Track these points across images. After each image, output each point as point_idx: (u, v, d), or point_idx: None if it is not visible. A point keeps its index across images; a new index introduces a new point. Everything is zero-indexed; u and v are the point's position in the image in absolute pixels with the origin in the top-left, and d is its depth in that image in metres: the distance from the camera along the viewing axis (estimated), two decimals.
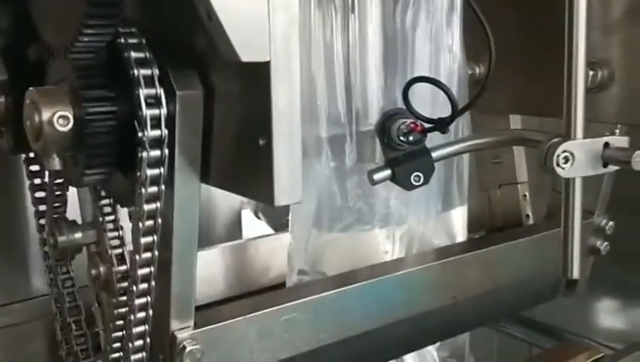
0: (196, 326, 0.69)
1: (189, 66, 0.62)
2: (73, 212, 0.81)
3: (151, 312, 0.66)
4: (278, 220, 1.22)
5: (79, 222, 0.78)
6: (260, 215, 1.26)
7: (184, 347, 0.67)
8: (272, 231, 1.21)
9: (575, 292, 1.09)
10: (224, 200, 1.19)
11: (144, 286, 0.64)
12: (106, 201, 0.71)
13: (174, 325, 0.68)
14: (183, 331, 0.68)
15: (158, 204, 0.61)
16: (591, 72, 0.90)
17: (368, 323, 0.82)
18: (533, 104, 1.01)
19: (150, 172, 0.59)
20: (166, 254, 0.65)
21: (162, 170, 0.60)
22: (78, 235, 0.75)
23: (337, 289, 0.79)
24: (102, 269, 0.70)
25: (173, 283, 0.66)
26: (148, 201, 0.60)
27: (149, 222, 0.61)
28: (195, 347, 0.67)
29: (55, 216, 0.79)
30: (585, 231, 1.01)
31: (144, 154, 0.58)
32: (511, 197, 1.13)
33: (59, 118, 0.57)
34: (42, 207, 0.82)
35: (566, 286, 1.09)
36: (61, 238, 0.74)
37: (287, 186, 0.58)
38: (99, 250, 0.71)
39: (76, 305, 0.82)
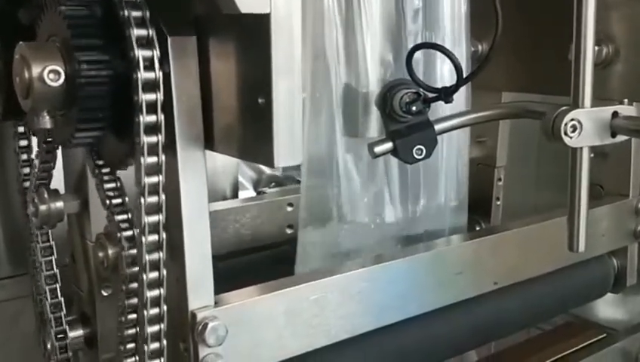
0: (217, 304, 0.64)
1: (182, 16, 0.60)
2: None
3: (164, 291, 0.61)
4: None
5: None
6: (240, 178, 1.24)
7: (206, 324, 0.61)
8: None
9: (625, 287, 1.06)
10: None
11: (154, 265, 0.60)
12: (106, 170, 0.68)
13: (193, 304, 0.62)
14: (203, 310, 0.62)
15: (160, 166, 0.58)
16: (596, 48, 0.88)
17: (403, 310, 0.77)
18: (536, 82, 0.99)
19: (148, 119, 0.56)
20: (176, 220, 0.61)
21: (160, 123, 0.57)
22: (60, 204, 0.74)
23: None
24: (110, 251, 0.66)
25: (188, 258, 0.61)
26: (148, 165, 0.57)
27: (153, 178, 0.58)
28: (217, 323, 0.62)
29: (40, 183, 0.77)
30: (621, 213, 1.01)
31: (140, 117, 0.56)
32: (485, 178, 1.11)
33: (49, 72, 0.55)
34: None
35: (614, 281, 1.06)
36: (42, 207, 0.73)
37: (287, 146, 0.56)
38: (106, 231, 0.68)
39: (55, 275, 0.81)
